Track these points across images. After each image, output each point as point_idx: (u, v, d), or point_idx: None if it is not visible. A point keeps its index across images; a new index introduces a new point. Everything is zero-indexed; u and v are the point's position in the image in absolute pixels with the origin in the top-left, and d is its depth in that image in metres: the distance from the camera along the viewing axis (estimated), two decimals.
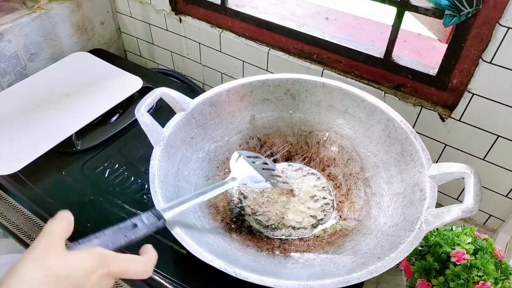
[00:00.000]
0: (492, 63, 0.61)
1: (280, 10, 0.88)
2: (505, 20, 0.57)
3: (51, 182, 0.69)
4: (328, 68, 0.81)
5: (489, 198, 0.75)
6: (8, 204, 0.71)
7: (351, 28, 0.83)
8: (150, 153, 0.57)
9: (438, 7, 0.62)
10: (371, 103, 0.65)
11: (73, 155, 0.74)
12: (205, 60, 1.00)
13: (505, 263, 0.59)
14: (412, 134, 0.59)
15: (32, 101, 0.82)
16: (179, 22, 0.97)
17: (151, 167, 0.55)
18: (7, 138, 0.73)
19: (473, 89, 0.65)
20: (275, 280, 0.44)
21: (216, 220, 0.61)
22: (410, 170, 0.57)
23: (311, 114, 0.71)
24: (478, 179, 0.49)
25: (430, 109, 0.72)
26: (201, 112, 0.65)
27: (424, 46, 0.78)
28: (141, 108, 0.59)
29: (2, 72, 0.90)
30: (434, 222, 0.48)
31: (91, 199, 0.66)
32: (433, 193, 0.52)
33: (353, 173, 0.67)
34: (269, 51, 0.86)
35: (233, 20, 0.88)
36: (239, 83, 0.68)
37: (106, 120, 0.81)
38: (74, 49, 1.03)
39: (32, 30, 0.92)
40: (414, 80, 0.72)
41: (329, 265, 0.52)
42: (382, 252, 0.49)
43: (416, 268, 0.60)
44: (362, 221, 0.60)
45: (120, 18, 1.11)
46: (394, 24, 0.68)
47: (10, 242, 0.75)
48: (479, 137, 0.69)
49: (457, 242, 0.60)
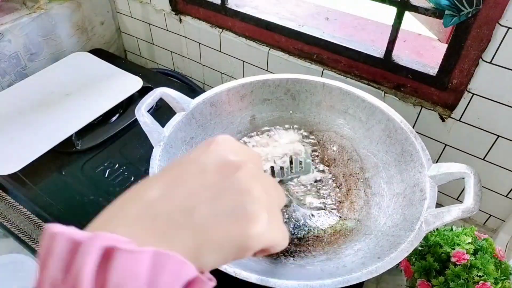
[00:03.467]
0: (492, 63, 0.61)
1: (280, 10, 0.88)
2: (505, 20, 0.57)
3: (51, 182, 0.69)
4: (328, 68, 0.81)
5: (489, 198, 0.75)
6: (8, 204, 0.71)
7: (351, 28, 0.83)
8: (150, 153, 0.57)
9: (438, 7, 0.62)
10: (371, 103, 0.65)
11: (73, 155, 0.74)
12: (205, 60, 1.00)
13: (505, 263, 0.59)
14: (412, 134, 0.59)
15: (32, 101, 0.82)
16: (179, 22, 0.97)
17: (151, 167, 0.55)
18: (7, 138, 0.73)
19: (473, 89, 0.65)
20: (275, 280, 0.44)
21: None
22: (410, 170, 0.57)
23: (311, 114, 0.71)
24: (478, 179, 0.49)
25: (430, 109, 0.72)
26: (201, 112, 0.65)
27: (424, 46, 0.78)
28: (141, 108, 0.59)
29: (2, 72, 0.90)
30: (434, 222, 0.48)
31: (91, 199, 0.66)
32: (433, 193, 0.52)
33: (353, 173, 0.67)
34: (269, 51, 0.86)
35: (233, 20, 0.88)
36: (239, 83, 0.68)
37: (106, 120, 0.81)
38: (74, 49, 1.03)
39: (32, 30, 0.92)
40: (414, 80, 0.72)
41: (329, 265, 0.52)
42: (382, 252, 0.49)
43: (416, 268, 0.60)
44: (362, 221, 0.60)
45: (120, 18, 1.11)
46: (394, 24, 0.68)
47: (10, 242, 0.75)
48: (479, 137, 0.69)
49: (457, 242, 0.60)
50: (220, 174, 0.26)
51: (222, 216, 0.24)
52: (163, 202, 0.24)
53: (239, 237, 0.24)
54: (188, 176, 0.26)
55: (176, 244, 0.23)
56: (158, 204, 0.24)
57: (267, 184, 0.27)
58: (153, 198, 0.24)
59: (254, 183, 0.26)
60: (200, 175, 0.26)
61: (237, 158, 0.27)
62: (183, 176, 0.26)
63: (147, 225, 0.23)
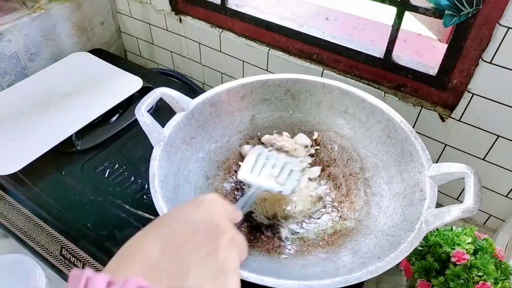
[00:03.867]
0: (492, 63, 0.61)
1: (280, 10, 0.88)
2: (505, 20, 0.57)
3: (51, 182, 0.69)
4: (328, 68, 0.81)
5: (489, 198, 0.75)
6: (8, 204, 0.71)
7: (351, 28, 0.83)
8: (150, 153, 0.57)
9: (438, 7, 0.62)
10: (371, 103, 0.65)
11: (73, 155, 0.74)
12: (205, 60, 1.00)
13: (505, 263, 0.59)
14: (412, 134, 0.59)
15: (32, 101, 0.82)
16: (179, 22, 0.97)
17: (151, 167, 0.55)
18: (7, 138, 0.73)
19: (473, 89, 0.65)
20: (275, 280, 0.44)
21: None
22: (410, 170, 0.57)
23: (311, 114, 0.71)
24: (478, 179, 0.49)
25: (430, 109, 0.72)
26: (201, 112, 0.65)
27: (424, 46, 0.78)
28: (141, 108, 0.59)
29: (2, 72, 0.90)
30: (434, 222, 0.48)
31: (91, 199, 0.66)
32: (433, 193, 0.52)
33: (353, 173, 0.67)
34: (269, 51, 0.86)
35: (233, 20, 0.88)
36: (239, 83, 0.68)
37: (106, 120, 0.81)
38: (74, 49, 1.03)
39: (32, 30, 0.92)
40: (414, 80, 0.72)
41: (329, 265, 0.52)
42: (382, 252, 0.49)
43: (416, 268, 0.60)
44: (362, 221, 0.60)
45: (120, 18, 1.11)
46: (394, 24, 0.68)
47: (10, 242, 0.75)
48: (479, 137, 0.69)
49: (457, 242, 0.60)
50: (209, 235, 0.31)
51: (209, 277, 0.28)
52: (164, 260, 0.28)
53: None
54: (183, 235, 0.30)
55: None
56: (160, 261, 0.28)
57: (240, 246, 0.33)
58: (154, 255, 0.28)
59: (233, 249, 0.31)
60: (194, 235, 0.30)
61: (223, 222, 0.33)
62: (179, 235, 0.30)
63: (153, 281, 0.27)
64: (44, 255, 0.68)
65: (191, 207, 0.33)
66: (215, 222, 0.32)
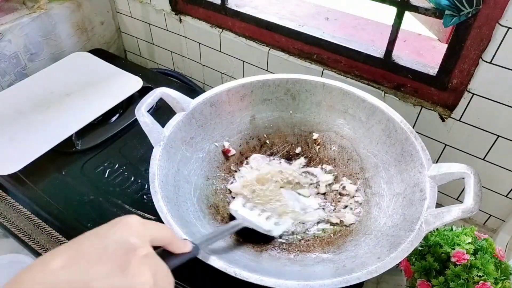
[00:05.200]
0: (492, 63, 0.61)
1: (280, 10, 0.88)
2: (505, 20, 0.57)
3: (51, 182, 0.69)
4: (328, 68, 0.81)
5: (489, 198, 0.75)
6: (8, 204, 0.71)
7: (351, 28, 0.84)
8: (150, 153, 0.57)
9: (438, 7, 0.62)
10: (371, 103, 0.65)
11: (73, 155, 0.74)
12: (205, 60, 1.00)
13: (505, 263, 0.59)
14: (412, 134, 0.59)
15: (32, 101, 0.82)
16: (179, 22, 0.97)
17: (151, 167, 0.55)
18: (7, 138, 0.73)
19: (473, 89, 0.65)
20: (275, 280, 0.44)
21: (216, 220, 0.61)
22: (410, 170, 0.57)
23: (311, 114, 0.71)
24: (478, 179, 0.49)
25: (430, 109, 0.72)
26: (201, 112, 0.65)
27: (424, 46, 0.78)
28: (141, 108, 0.59)
29: (2, 72, 0.90)
30: (434, 222, 0.48)
31: (91, 199, 0.66)
32: (433, 193, 0.52)
33: (353, 173, 0.67)
34: (269, 51, 0.86)
35: (233, 20, 0.88)
36: (239, 83, 0.68)
37: (106, 120, 0.81)
38: (74, 49, 1.03)
39: (32, 30, 0.92)
40: (414, 80, 0.72)
41: (329, 265, 0.52)
42: (382, 252, 0.49)
43: (416, 268, 0.60)
44: (362, 221, 0.60)
45: (120, 18, 1.11)
46: (394, 24, 0.68)
47: (10, 242, 0.75)
48: (479, 137, 0.69)
49: (457, 242, 0.60)
50: (119, 253, 0.30)
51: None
52: (64, 272, 0.28)
53: None
54: (91, 250, 0.30)
55: None
56: (60, 273, 0.28)
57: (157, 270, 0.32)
58: (56, 267, 0.28)
59: (145, 269, 0.30)
60: (102, 251, 0.30)
61: (137, 241, 0.31)
62: (86, 250, 0.30)
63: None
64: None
65: (105, 226, 0.33)
66: (128, 240, 0.31)
